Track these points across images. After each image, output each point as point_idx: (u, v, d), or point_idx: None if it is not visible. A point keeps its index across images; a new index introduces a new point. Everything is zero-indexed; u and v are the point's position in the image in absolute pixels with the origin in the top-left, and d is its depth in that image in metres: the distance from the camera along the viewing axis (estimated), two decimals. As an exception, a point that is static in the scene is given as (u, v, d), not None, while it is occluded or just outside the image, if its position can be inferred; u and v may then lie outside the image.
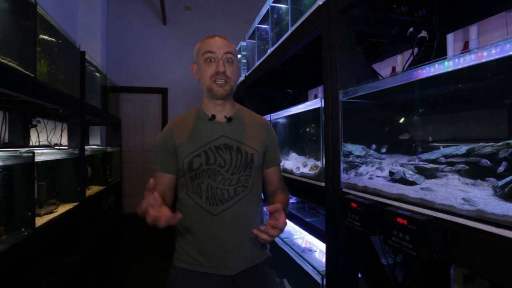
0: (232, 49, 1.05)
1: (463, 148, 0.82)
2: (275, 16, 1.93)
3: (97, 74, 2.84)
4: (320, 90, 2.71)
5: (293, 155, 1.86)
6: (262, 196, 1.15)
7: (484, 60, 0.62)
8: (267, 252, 1.12)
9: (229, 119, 1.07)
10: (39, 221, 1.50)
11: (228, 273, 0.99)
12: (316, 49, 1.37)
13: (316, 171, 1.33)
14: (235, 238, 1.00)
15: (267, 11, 2.01)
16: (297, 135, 2.04)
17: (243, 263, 1.02)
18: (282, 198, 1.06)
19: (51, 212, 1.70)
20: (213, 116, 1.06)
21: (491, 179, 0.70)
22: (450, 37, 1.35)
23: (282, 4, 1.87)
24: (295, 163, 1.65)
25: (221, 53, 1.01)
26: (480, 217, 0.61)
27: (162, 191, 1.03)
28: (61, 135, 2.64)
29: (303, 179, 1.40)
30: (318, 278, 1.28)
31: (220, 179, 1.00)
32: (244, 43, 2.89)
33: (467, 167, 0.77)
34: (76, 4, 3.59)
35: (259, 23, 2.26)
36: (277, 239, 1.79)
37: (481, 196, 0.66)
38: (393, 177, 0.91)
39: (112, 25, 4.50)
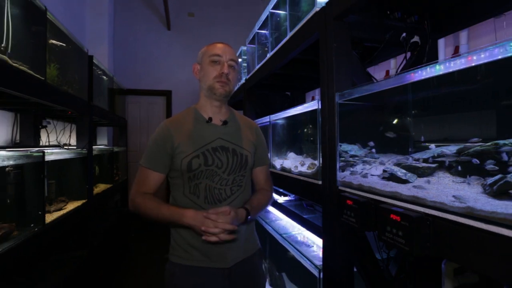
0: (235, 57, 1.11)
1: (454, 148, 0.83)
2: (274, 22, 1.96)
3: (104, 77, 2.89)
4: (317, 92, 2.74)
5: (291, 154, 1.89)
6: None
7: (473, 64, 0.63)
8: (258, 244, 1.19)
9: (224, 122, 1.12)
10: (49, 218, 1.54)
11: (225, 266, 1.04)
12: (313, 54, 1.38)
13: (313, 169, 1.36)
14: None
15: (267, 17, 2.03)
16: (295, 136, 2.07)
17: (239, 255, 1.07)
18: (256, 198, 1.13)
19: (60, 209, 1.75)
20: (210, 119, 1.11)
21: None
22: (441, 42, 1.37)
23: (281, 10, 1.89)
24: (293, 162, 1.67)
25: (226, 58, 1.07)
26: (470, 213, 0.62)
27: (154, 189, 1.07)
28: (70, 136, 2.70)
29: (301, 178, 1.42)
30: (315, 272, 1.30)
31: (217, 179, 1.05)
32: (244, 48, 2.93)
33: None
34: (84, 10, 3.66)
35: (259, 29, 2.29)
36: (276, 235, 1.82)
37: (471, 194, 0.67)
38: (386, 176, 0.92)
39: (119, 30, 4.59)
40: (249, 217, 1.06)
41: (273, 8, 1.95)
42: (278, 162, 1.83)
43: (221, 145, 1.08)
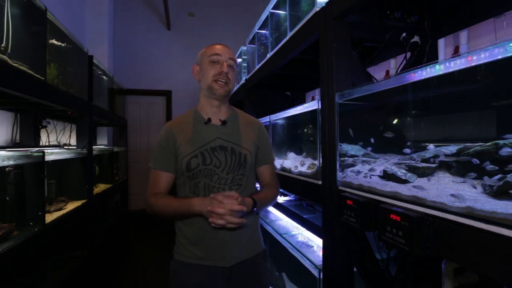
0: (234, 57, 1.13)
1: (453, 148, 0.84)
2: (274, 22, 1.96)
3: (104, 77, 2.89)
4: (317, 92, 2.74)
5: (291, 154, 1.89)
6: None
7: (473, 64, 0.64)
8: (262, 245, 1.18)
9: (223, 122, 1.13)
10: (49, 218, 1.55)
11: (225, 265, 1.05)
12: (313, 54, 1.38)
13: (314, 169, 1.36)
14: (232, 233, 1.05)
15: (267, 17, 2.04)
16: (295, 136, 2.07)
17: (240, 255, 1.07)
18: (262, 194, 1.12)
19: (60, 209, 1.75)
20: (209, 119, 1.12)
21: (485, 177, 0.70)
22: (441, 42, 1.37)
23: (281, 10, 1.89)
24: (293, 162, 1.67)
25: (226, 57, 1.09)
26: (470, 213, 0.62)
27: (165, 189, 1.10)
28: (70, 136, 2.70)
29: (301, 178, 1.42)
30: (315, 272, 1.30)
31: (216, 178, 1.06)
32: (244, 48, 2.93)
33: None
34: (84, 10, 3.66)
35: (259, 29, 2.29)
36: (276, 235, 1.82)
37: (471, 194, 0.67)
38: (386, 176, 0.92)
39: (119, 30, 4.59)
40: (255, 208, 1.06)
41: (273, 8, 1.95)
42: (278, 162, 1.83)
43: (220, 144, 1.09)
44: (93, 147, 2.44)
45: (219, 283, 1.04)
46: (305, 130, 1.97)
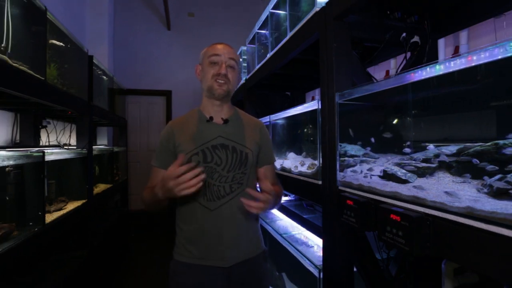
0: (235, 56, 1.12)
1: (453, 148, 0.84)
2: (274, 22, 1.96)
3: (104, 77, 2.89)
4: (317, 92, 2.74)
5: (291, 154, 1.89)
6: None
7: (473, 64, 0.64)
8: (262, 246, 1.17)
9: (225, 121, 1.13)
10: (49, 218, 1.54)
11: (224, 265, 1.04)
12: (313, 54, 1.39)
13: (313, 169, 1.36)
14: (231, 232, 1.05)
15: (267, 17, 2.04)
16: (295, 136, 2.07)
17: (239, 256, 1.07)
18: (276, 188, 1.12)
19: (60, 209, 1.75)
20: (211, 118, 1.12)
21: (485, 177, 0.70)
22: (441, 42, 1.37)
23: (281, 10, 1.89)
24: (293, 162, 1.67)
25: (225, 58, 1.09)
26: (470, 213, 0.63)
27: None
28: (70, 136, 2.70)
29: (301, 178, 1.42)
30: (315, 271, 1.30)
31: (216, 176, 1.06)
32: (244, 48, 2.94)
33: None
34: (84, 10, 3.66)
35: (259, 29, 2.30)
36: (276, 235, 1.82)
37: (471, 194, 0.67)
38: (386, 176, 0.92)
39: (119, 30, 4.59)
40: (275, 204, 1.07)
41: (273, 8, 1.95)
42: (278, 162, 1.83)
43: (221, 143, 1.09)
44: (93, 147, 2.43)
45: (218, 283, 1.04)
46: (305, 130, 1.97)
